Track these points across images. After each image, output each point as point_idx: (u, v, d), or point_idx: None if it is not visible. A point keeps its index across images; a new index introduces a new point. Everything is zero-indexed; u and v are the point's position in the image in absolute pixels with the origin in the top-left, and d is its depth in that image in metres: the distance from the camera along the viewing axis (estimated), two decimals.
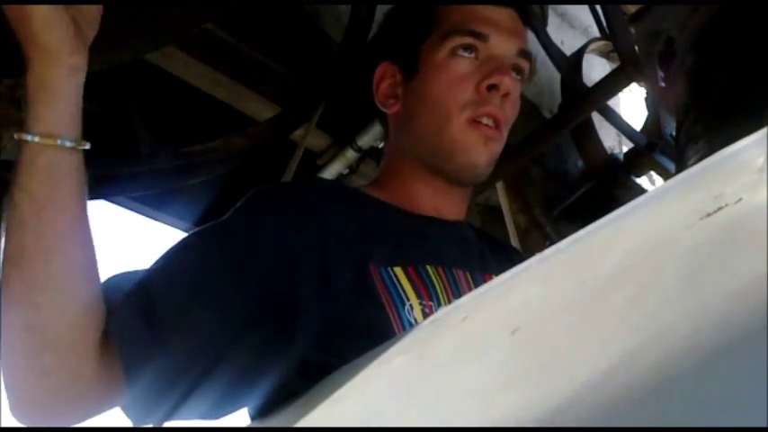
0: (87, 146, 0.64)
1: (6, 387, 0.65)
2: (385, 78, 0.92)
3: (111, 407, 0.69)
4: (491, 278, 0.81)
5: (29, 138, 0.62)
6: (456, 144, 0.84)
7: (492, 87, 0.83)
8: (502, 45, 0.87)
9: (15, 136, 0.62)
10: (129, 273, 0.71)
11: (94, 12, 0.67)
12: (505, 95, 0.84)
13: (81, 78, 0.64)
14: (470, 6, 0.89)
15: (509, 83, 0.83)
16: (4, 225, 0.63)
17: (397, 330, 0.72)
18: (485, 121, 0.83)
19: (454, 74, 0.85)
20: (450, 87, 0.85)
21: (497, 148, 0.85)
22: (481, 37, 0.86)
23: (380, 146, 1.80)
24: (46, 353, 0.63)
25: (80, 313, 0.64)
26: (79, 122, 0.64)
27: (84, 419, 0.68)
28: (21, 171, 0.62)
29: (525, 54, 0.89)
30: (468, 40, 0.86)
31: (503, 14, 0.89)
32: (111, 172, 1.07)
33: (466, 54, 0.86)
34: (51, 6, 0.62)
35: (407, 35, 0.91)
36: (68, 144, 0.63)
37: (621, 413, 0.29)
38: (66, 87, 0.63)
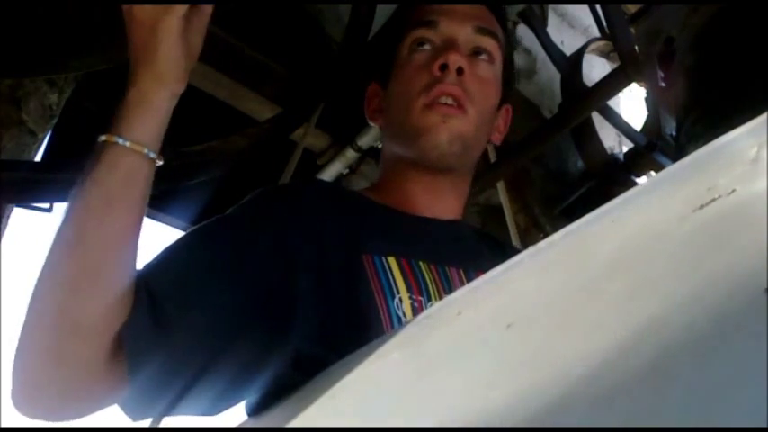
0: (161, 162, 0.69)
1: (15, 370, 0.65)
2: (372, 98, 0.96)
3: (108, 404, 0.69)
4: None
5: (119, 141, 0.66)
6: (417, 129, 0.84)
7: (444, 67, 0.84)
8: (453, 27, 0.87)
9: (103, 137, 0.67)
10: None
11: (199, 45, 0.72)
12: (461, 72, 0.84)
13: (176, 101, 0.71)
14: (427, 5, 0.90)
15: (456, 58, 0.83)
16: (65, 209, 0.67)
17: (384, 323, 0.73)
18: (442, 100, 0.83)
19: (412, 67, 0.87)
20: (409, 80, 0.86)
21: (460, 125, 0.83)
22: (431, 24, 0.87)
23: (380, 146, 1.80)
24: (70, 338, 0.64)
25: (114, 307, 0.65)
26: (162, 139, 0.70)
27: (82, 415, 0.68)
28: (99, 167, 0.66)
29: (485, 31, 0.88)
30: (420, 31, 0.88)
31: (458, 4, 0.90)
32: None
33: (422, 48, 0.87)
34: (177, 40, 0.68)
35: (383, 50, 0.94)
36: (152, 155, 0.68)
37: (618, 407, 0.28)
38: (165, 108, 0.69)
